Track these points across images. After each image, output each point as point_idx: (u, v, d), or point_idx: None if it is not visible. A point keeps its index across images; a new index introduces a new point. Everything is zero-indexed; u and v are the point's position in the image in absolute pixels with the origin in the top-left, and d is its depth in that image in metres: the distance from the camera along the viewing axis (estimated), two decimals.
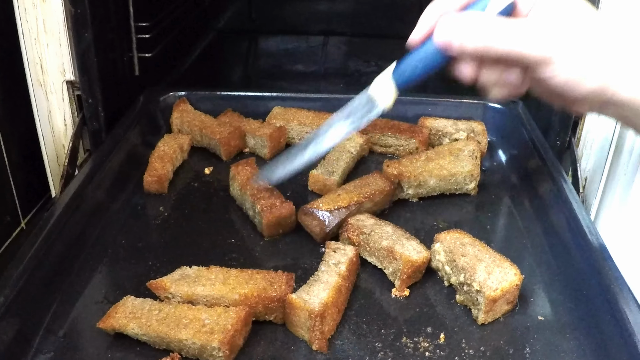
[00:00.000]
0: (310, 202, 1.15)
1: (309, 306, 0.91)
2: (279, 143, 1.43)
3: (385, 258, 1.04)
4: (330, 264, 1.02)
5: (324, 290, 0.95)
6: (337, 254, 1.04)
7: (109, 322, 0.92)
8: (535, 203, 1.24)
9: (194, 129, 1.44)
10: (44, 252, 0.99)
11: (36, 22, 1.28)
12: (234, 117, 1.50)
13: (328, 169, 1.29)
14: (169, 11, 1.89)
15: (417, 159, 1.29)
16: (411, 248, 1.03)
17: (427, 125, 1.45)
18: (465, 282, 0.98)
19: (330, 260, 1.03)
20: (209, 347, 0.87)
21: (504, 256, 1.01)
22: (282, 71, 2.08)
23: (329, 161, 1.32)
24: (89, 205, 1.16)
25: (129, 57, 1.53)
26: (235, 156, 1.42)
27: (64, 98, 1.35)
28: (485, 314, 0.95)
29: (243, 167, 1.24)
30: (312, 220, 1.13)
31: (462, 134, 1.41)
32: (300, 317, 0.92)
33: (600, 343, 0.90)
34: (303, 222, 1.15)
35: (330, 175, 1.27)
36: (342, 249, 1.05)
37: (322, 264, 1.02)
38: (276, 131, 1.42)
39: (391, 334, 0.95)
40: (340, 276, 0.98)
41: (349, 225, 1.10)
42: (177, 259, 1.08)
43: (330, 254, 1.04)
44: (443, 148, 1.33)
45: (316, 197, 1.20)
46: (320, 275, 0.99)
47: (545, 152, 1.30)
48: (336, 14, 2.44)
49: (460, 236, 1.06)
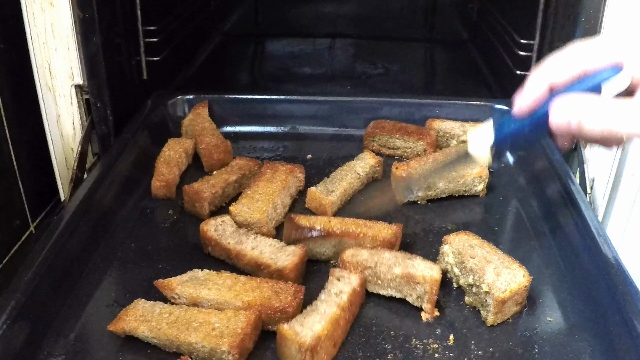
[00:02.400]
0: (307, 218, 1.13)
1: (300, 339, 0.86)
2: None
3: (404, 286, 0.99)
4: (332, 292, 0.96)
5: (319, 322, 0.89)
6: (341, 283, 0.98)
7: (119, 325, 0.92)
8: (543, 204, 1.24)
9: (194, 134, 1.45)
10: (54, 256, 1.00)
11: (44, 27, 1.28)
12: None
13: (328, 187, 1.25)
14: (176, 15, 1.90)
15: (425, 160, 1.29)
16: (425, 267, 0.99)
17: (434, 128, 1.45)
18: (474, 283, 0.99)
19: (332, 288, 0.97)
20: (218, 351, 0.87)
21: (512, 257, 1.01)
22: (288, 74, 2.08)
23: (333, 179, 1.27)
24: (98, 209, 1.17)
25: (136, 60, 1.54)
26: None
27: (73, 102, 1.36)
28: (494, 315, 0.95)
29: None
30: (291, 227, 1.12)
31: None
32: (290, 349, 0.87)
33: (609, 344, 0.90)
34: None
35: (328, 195, 1.22)
36: (347, 278, 0.99)
37: (322, 292, 0.97)
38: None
39: (400, 335, 0.95)
40: (340, 307, 0.93)
41: (347, 265, 1.02)
42: (187, 262, 1.08)
43: (333, 282, 0.98)
44: (451, 150, 1.33)
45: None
46: (318, 304, 0.94)
47: (553, 154, 1.30)
48: (342, 16, 2.44)
49: (468, 238, 1.06)
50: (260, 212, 1.16)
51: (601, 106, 0.79)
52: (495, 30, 1.98)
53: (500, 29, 1.90)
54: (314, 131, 1.56)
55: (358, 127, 1.54)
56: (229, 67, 2.14)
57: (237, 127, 1.57)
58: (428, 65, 2.27)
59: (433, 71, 2.22)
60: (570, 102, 0.81)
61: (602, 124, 0.79)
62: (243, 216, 1.15)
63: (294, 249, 1.06)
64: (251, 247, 1.07)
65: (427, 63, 2.28)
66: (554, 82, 0.84)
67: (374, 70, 2.08)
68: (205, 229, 1.12)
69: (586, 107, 0.80)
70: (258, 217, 1.15)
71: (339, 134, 1.55)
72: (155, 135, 1.45)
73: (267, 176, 1.25)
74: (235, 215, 1.16)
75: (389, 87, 1.96)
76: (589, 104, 0.80)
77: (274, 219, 1.19)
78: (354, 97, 1.62)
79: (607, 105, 0.79)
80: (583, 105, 0.80)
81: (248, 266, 1.06)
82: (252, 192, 1.21)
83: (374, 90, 1.92)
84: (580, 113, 0.80)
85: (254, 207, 1.17)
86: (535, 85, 0.85)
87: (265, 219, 1.15)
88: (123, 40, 1.45)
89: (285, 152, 1.49)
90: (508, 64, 1.75)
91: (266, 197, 1.19)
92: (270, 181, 1.24)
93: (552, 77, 0.84)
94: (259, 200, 1.19)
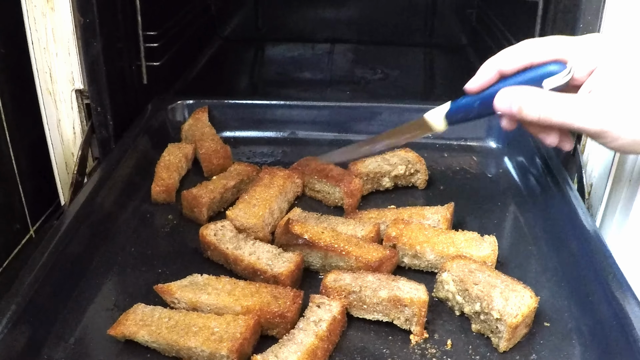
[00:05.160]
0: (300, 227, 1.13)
1: None
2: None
3: (392, 309, 0.96)
4: (310, 321, 0.93)
5: (295, 353, 0.87)
6: (321, 310, 0.95)
7: (119, 329, 0.93)
8: (540, 210, 1.25)
9: (194, 139, 1.45)
10: (54, 260, 1.00)
11: (45, 32, 1.29)
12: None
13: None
14: (177, 20, 1.91)
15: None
16: (411, 288, 0.97)
17: (359, 171, 1.32)
18: (482, 311, 0.95)
19: (311, 316, 0.94)
20: (217, 355, 0.87)
21: (514, 278, 0.99)
22: (288, 79, 2.09)
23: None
24: (98, 213, 1.17)
25: (137, 65, 1.54)
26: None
27: (73, 107, 1.36)
28: (507, 341, 0.92)
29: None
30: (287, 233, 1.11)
31: (400, 168, 1.33)
32: None
33: (606, 349, 0.90)
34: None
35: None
36: (327, 305, 0.96)
37: (301, 321, 0.94)
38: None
39: (398, 340, 0.95)
40: (318, 337, 0.90)
41: (330, 290, 0.98)
42: (187, 267, 1.09)
43: (313, 309, 0.95)
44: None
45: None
46: (295, 333, 0.91)
47: (551, 159, 1.30)
48: (342, 22, 2.45)
49: (466, 263, 1.02)
50: (257, 217, 1.16)
51: (540, 96, 0.96)
52: (494, 35, 1.99)
53: (499, 34, 1.91)
54: (314, 136, 1.57)
55: (357, 132, 1.54)
56: (229, 72, 2.15)
57: (237, 132, 1.57)
58: (427, 70, 2.28)
59: (432, 76, 2.23)
60: (514, 91, 0.98)
61: (539, 112, 0.95)
62: (239, 221, 1.16)
63: (290, 255, 1.06)
64: (249, 253, 1.07)
65: (427, 68, 2.29)
66: (502, 69, 1.00)
67: (373, 75, 2.09)
68: (205, 233, 1.12)
69: (527, 96, 0.96)
70: (254, 222, 1.15)
71: (338, 139, 1.55)
72: (155, 140, 1.45)
73: (265, 181, 1.26)
74: (231, 219, 1.16)
75: (388, 92, 1.97)
76: (529, 93, 0.96)
77: (270, 224, 1.20)
78: (354, 103, 1.63)
79: (545, 96, 0.95)
80: (524, 94, 0.97)
81: (245, 271, 1.07)
82: (249, 197, 1.22)
83: (373, 96, 1.93)
84: (521, 100, 0.96)
85: (250, 212, 1.17)
86: (486, 70, 1.01)
87: (261, 224, 1.15)
88: (124, 45, 1.45)
89: (285, 157, 1.49)
90: None
91: (263, 202, 1.20)
92: (268, 186, 1.24)
93: (501, 65, 1.00)
94: (255, 205, 1.19)
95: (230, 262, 1.08)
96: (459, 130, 1.53)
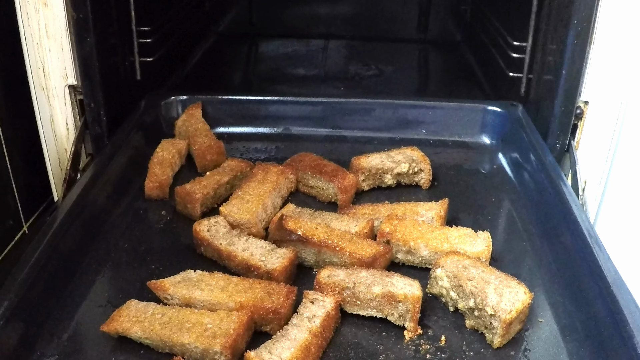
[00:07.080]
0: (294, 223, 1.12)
1: None
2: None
3: (385, 305, 0.96)
4: (304, 317, 0.93)
5: (288, 349, 0.87)
6: (314, 306, 0.95)
7: (112, 325, 0.92)
8: (535, 206, 1.25)
9: (188, 135, 1.45)
10: (47, 256, 1.00)
11: (38, 27, 1.28)
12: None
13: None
14: (170, 16, 1.90)
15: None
16: (404, 284, 0.97)
17: (361, 166, 1.31)
18: (476, 307, 0.95)
19: (304, 312, 0.94)
20: (211, 351, 0.87)
21: (508, 274, 0.99)
22: (282, 75, 2.08)
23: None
24: (91, 209, 1.17)
25: (130, 61, 1.54)
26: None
27: (66, 102, 1.36)
28: (502, 337, 0.92)
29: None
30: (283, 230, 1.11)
31: (403, 166, 1.32)
32: None
33: (600, 345, 0.90)
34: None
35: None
36: (321, 300, 0.96)
37: (294, 317, 0.93)
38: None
39: (392, 336, 0.95)
40: (311, 333, 0.90)
41: (324, 286, 0.98)
42: (180, 263, 1.09)
43: (307, 305, 0.95)
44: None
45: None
46: (289, 329, 0.91)
47: (545, 155, 1.30)
48: (337, 18, 2.44)
49: (460, 259, 1.02)
50: (250, 213, 1.16)
51: None
52: (488, 32, 1.99)
53: (494, 31, 1.91)
54: (308, 132, 1.56)
55: (351, 128, 1.55)
56: (222, 68, 2.15)
57: (231, 128, 1.57)
58: (421, 66, 2.27)
59: (426, 73, 2.23)
60: None
61: None
62: (233, 216, 1.15)
63: (284, 251, 1.06)
64: (242, 249, 1.07)
65: (421, 64, 2.29)
66: None
67: (367, 72, 2.09)
68: (198, 229, 1.12)
69: None
70: (247, 217, 1.15)
71: (332, 135, 1.55)
72: (148, 136, 1.45)
73: (259, 177, 1.26)
74: (225, 215, 1.16)
75: (382, 88, 1.97)
76: None
77: (264, 219, 1.19)
78: (348, 99, 1.62)
79: None
80: None
81: (239, 267, 1.06)
82: (242, 193, 1.21)
83: (367, 92, 1.93)
84: None
85: (243, 208, 1.17)
86: None
87: (255, 219, 1.15)
88: (117, 41, 1.45)
89: (279, 153, 1.49)
90: (501, 65, 1.76)
91: (256, 198, 1.20)
92: (261, 182, 1.24)
93: None
94: (249, 201, 1.19)
95: (224, 258, 1.08)
96: (453, 126, 1.53)
